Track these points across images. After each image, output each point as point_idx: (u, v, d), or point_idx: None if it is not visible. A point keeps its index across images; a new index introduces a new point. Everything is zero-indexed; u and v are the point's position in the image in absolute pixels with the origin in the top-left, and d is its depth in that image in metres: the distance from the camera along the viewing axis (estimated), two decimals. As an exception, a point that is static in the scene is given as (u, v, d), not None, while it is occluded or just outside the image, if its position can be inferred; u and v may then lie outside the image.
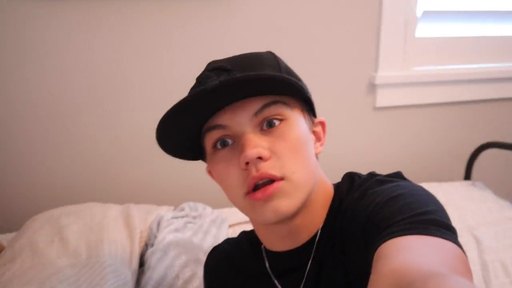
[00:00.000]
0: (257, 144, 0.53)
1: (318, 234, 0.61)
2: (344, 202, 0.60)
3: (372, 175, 0.63)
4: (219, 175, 0.58)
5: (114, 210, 1.15)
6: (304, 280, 0.62)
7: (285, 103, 0.56)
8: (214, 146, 0.57)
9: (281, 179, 0.53)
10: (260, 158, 0.53)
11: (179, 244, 1.00)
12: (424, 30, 1.62)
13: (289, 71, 0.61)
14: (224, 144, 0.56)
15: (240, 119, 0.54)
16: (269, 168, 0.53)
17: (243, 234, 0.78)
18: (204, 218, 1.15)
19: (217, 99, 0.52)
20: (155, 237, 1.04)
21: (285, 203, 0.53)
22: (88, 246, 0.98)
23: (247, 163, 0.53)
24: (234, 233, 1.22)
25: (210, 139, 0.57)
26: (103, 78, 1.33)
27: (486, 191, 1.46)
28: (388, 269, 0.40)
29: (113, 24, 1.29)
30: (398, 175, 0.61)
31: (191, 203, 1.25)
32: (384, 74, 1.57)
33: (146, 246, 1.06)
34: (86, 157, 1.38)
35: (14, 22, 1.22)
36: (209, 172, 0.66)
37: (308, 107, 0.63)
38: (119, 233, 1.04)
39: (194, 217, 1.16)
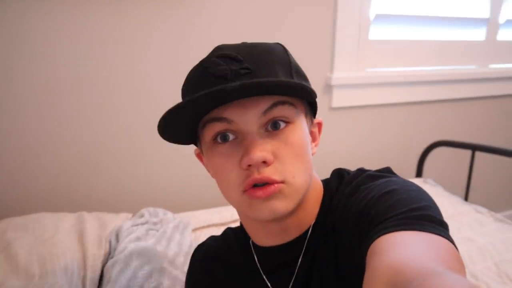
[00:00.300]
0: (262, 147, 0.52)
1: (310, 230, 0.60)
2: (335, 198, 0.60)
3: (361, 170, 0.63)
4: (216, 169, 0.57)
5: (66, 222, 1.06)
6: (294, 275, 0.61)
7: (292, 104, 0.55)
8: (214, 138, 0.55)
9: (281, 182, 0.53)
10: (264, 162, 0.52)
11: (142, 253, 0.94)
12: (377, 33, 1.67)
13: (298, 69, 0.60)
14: (225, 138, 0.55)
15: (247, 117, 0.53)
16: (271, 173, 0.52)
17: (229, 230, 0.76)
18: (166, 224, 1.09)
19: (229, 96, 0.50)
20: (115, 249, 0.97)
21: (283, 204, 0.53)
22: (41, 264, 0.89)
23: (249, 165, 0.52)
24: (197, 237, 1.18)
25: (211, 130, 0.55)
26: (60, 80, 1.24)
27: (437, 187, 1.52)
28: (383, 265, 0.40)
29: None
30: (387, 171, 0.62)
31: (151, 209, 1.19)
32: (339, 75, 1.59)
33: (106, 260, 0.98)
34: (34, 162, 1.27)
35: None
36: (198, 155, 0.65)
37: (310, 108, 0.63)
38: (74, 248, 0.96)
39: (155, 223, 1.10)
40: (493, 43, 1.93)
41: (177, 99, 0.57)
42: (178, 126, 0.55)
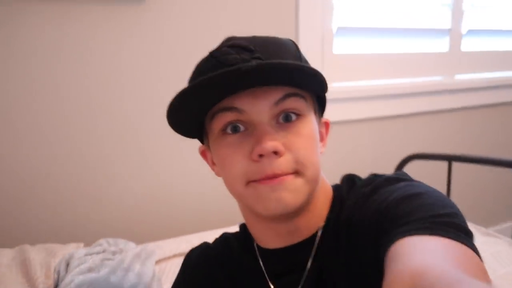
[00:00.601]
0: (274, 137, 0.51)
1: (320, 231, 0.58)
2: (349, 201, 0.58)
3: (376, 175, 0.61)
4: (223, 160, 0.55)
5: (4, 257, 0.94)
6: (303, 280, 0.58)
7: (303, 97, 0.54)
8: (224, 129, 0.53)
9: (292, 173, 0.52)
10: (275, 152, 0.50)
11: (92, 285, 0.82)
12: (341, 46, 1.65)
13: (308, 64, 0.58)
14: (235, 129, 0.53)
15: (259, 106, 0.51)
16: (283, 166, 0.51)
17: (228, 234, 0.71)
18: (126, 252, 0.97)
19: (242, 81, 0.49)
20: (63, 281, 0.85)
21: (291, 196, 0.52)
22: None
23: (260, 155, 0.50)
24: (162, 269, 1.06)
25: (221, 120, 0.53)
26: None
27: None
28: (406, 269, 0.38)
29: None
30: (404, 174, 0.59)
31: (110, 239, 1.07)
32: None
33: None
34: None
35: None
36: (203, 152, 0.63)
37: (319, 106, 0.61)
38: (18, 280, 0.84)
39: (114, 253, 0.98)
40: (457, 53, 1.94)
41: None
42: (187, 111, 0.53)
